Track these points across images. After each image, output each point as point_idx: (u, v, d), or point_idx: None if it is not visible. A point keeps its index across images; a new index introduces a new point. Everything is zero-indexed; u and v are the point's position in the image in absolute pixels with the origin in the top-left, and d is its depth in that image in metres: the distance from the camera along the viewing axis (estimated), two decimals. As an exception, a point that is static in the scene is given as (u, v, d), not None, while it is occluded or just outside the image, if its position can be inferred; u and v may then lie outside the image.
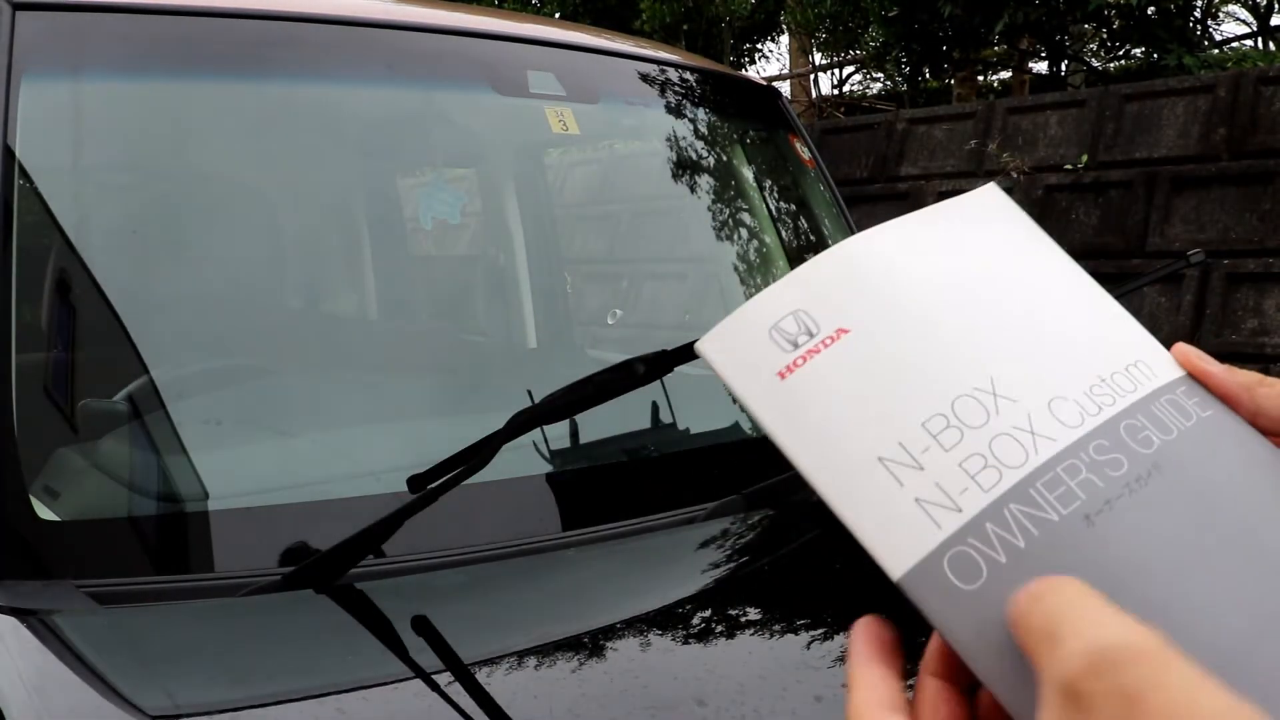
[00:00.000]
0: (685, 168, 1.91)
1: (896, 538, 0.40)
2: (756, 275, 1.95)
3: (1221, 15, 11.88)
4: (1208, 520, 0.39)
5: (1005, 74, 12.77)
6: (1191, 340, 5.46)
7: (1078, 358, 0.43)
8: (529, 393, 1.34)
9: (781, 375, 0.43)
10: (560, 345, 2.10)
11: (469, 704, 0.95)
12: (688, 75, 1.93)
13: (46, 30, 1.29)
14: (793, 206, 2.04)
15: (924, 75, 10.84)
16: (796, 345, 0.44)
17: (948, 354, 0.43)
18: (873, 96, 14.70)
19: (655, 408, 1.49)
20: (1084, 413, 0.41)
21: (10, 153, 1.20)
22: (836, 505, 0.41)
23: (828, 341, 0.43)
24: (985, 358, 0.42)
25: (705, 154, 1.95)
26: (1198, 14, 8.78)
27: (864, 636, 0.41)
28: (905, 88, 11.56)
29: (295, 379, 1.51)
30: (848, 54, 13.80)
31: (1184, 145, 6.24)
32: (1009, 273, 0.46)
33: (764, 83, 2.12)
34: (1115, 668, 0.31)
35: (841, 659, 1.07)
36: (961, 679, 0.40)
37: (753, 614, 1.21)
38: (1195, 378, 0.45)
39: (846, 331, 0.43)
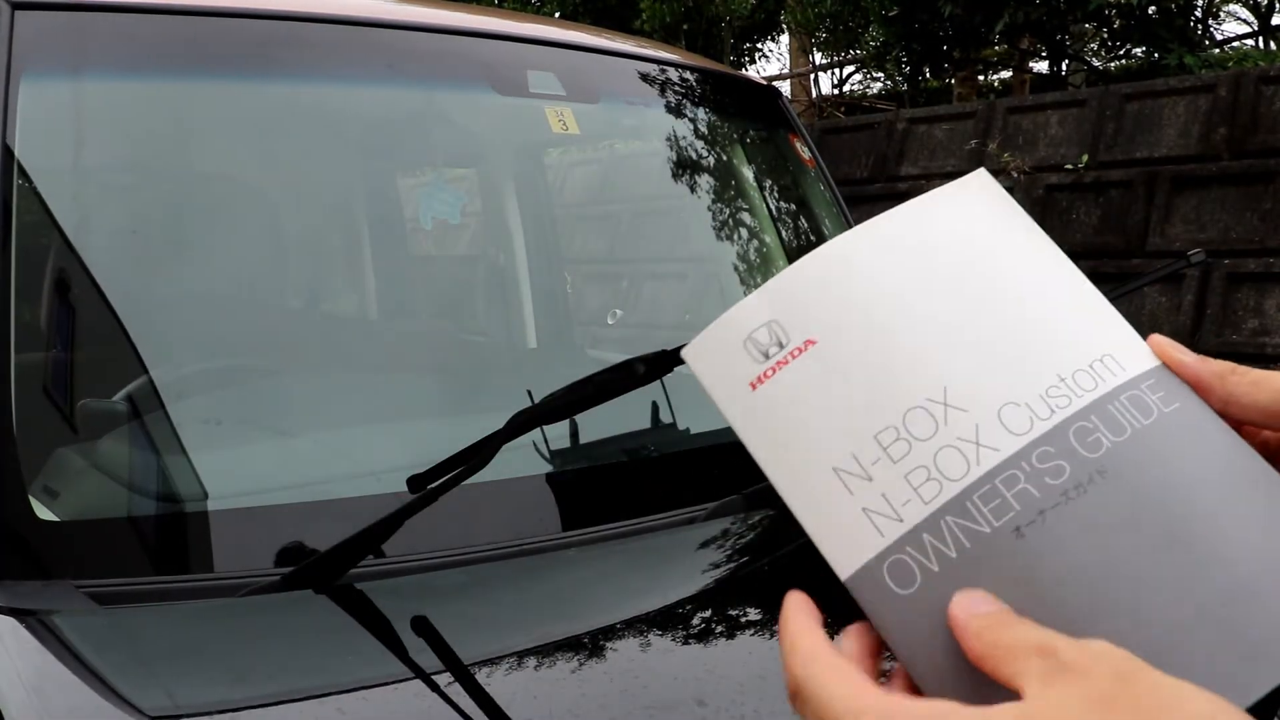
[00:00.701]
0: (685, 168, 1.91)
1: (844, 543, 0.43)
2: (756, 275, 1.95)
3: (1222, 15, 11.88)
4: (1145, 524, 0.39)
5: (1006, 74, 12.78)
6: (1192, 340, 5.46)
7: (1040, 357, 0.43)
8: (529, 393, 1.34)
9: (753, 385, 0.46)
10: (560, 345, 2.10)
11: (469, 704, 0.95)
12: (688, 75, 1.93)
13: (46, 29, 1.29)
14: (793, 206, 2.04)
15: (924, 75, 10.84)
16: (768, 356, 0.45)
17: (906, 363, 0.43)
18: (873, 96, 14.70)
19: (655, 408, 1.49)
20: (1034, 418, 0.41)
21: (10, 152, 1.20)
22: (795, 510, 0.44)
23: (796, 353, 0.45)
24: (942, 366, 0.43)
25: (705, 154, 1.95)
26: (1199, 13, 8.78)
27: (801, 604, 0.44)
28: (905, 87, 11.56)
29: (295, 379, 1.51)
30: (848, 54, 13.80)
31: (1185, 145, 6.24)
32: (985, 270, 0.45)
33: (764, 82, 2.12)
34: (1109, 654, 0.35)
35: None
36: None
37: (753, 614, 1.21)
38: (1170, 368, 0.45)
39: (814, 342, 0.45)
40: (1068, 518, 0.40)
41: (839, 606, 0.46)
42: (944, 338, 0.43)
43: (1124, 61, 9.87)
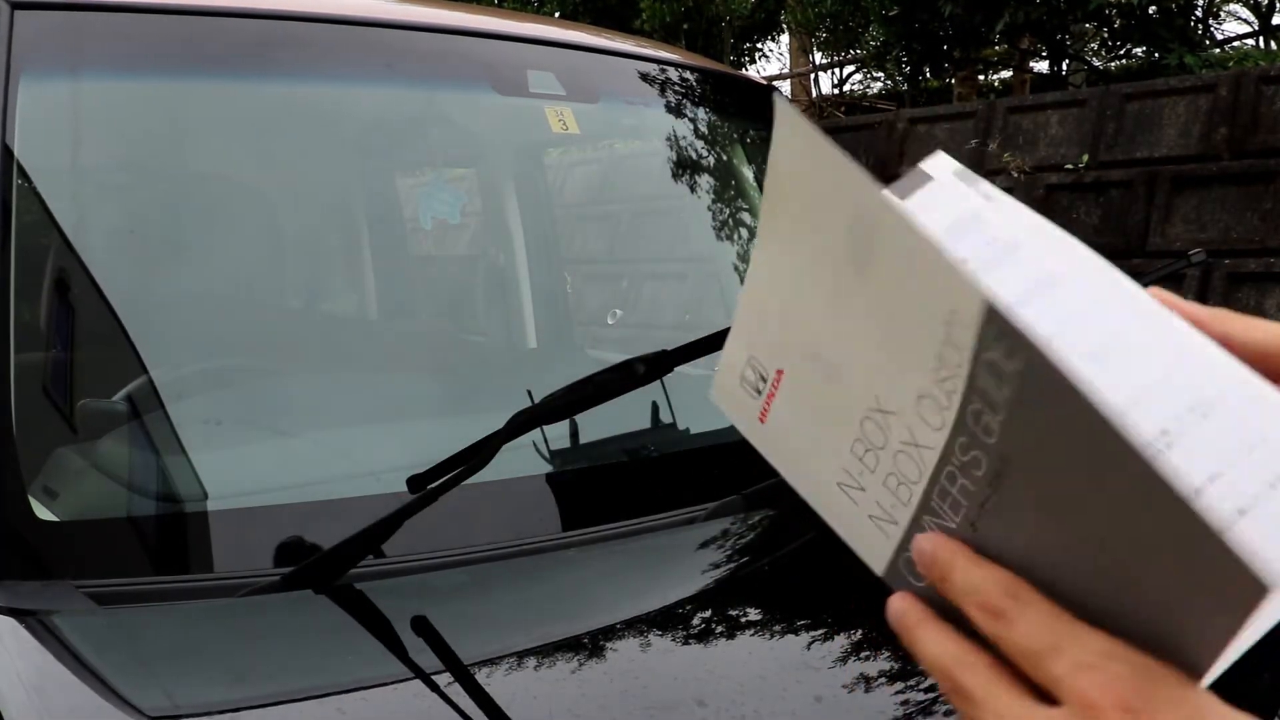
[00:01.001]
0: (685, 168, 1.91)
1: (867, 546, 0.45)
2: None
3: (1223, 14, 11.88)
4: (1057, 510, 0.37)
5: (1006, 73, 12.77)
6: (1192, 340, 5.45)
7: (916, 332, 0.38)
8: (529, 393, 1.34)
9: (761, 419, 0.48)
10: (560, 345, 2.10)
11: (469, 704, 0.95)
12: (688, 75, 1.92)
13: (46, 29, 1.29)
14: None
15: (924, 74, 10.84)
16: (759, 392, 0.48)
17: (842, 376, 0.43)
18: (873, 96, 14.71)
19: (655, 408, 1.49)
20: (941, 408, 0.39)
21: (9, 152, 1.20)
22: (828, 521, 0.47)
23: (775, 386, 0.47)
24: (865, 371, 0.42)
25: (705, 154, 1.95)
26: (1199, 13, 8.78)
27: (912, 603, 0.44)
28: (906, 87, 11.57)
29: (295, 379, 1.51)
30: (848, 53, 13.81)
31: (1185, 145, 6.24)
32: (841, 238, 0.41)
33: (764, 82, 2.12)
34: None
35: (842, 659, 1.07)
36: None
37: (753, 614, 1.21)
38: None
39: (782, 373, 0.46)
40: (1001, 510, 0.39)
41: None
42: (853, 338, 0.42)
43: (1124, 61, 9.87)
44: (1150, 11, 8.06)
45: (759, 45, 14.61)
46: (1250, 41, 11.07)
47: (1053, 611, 0.39)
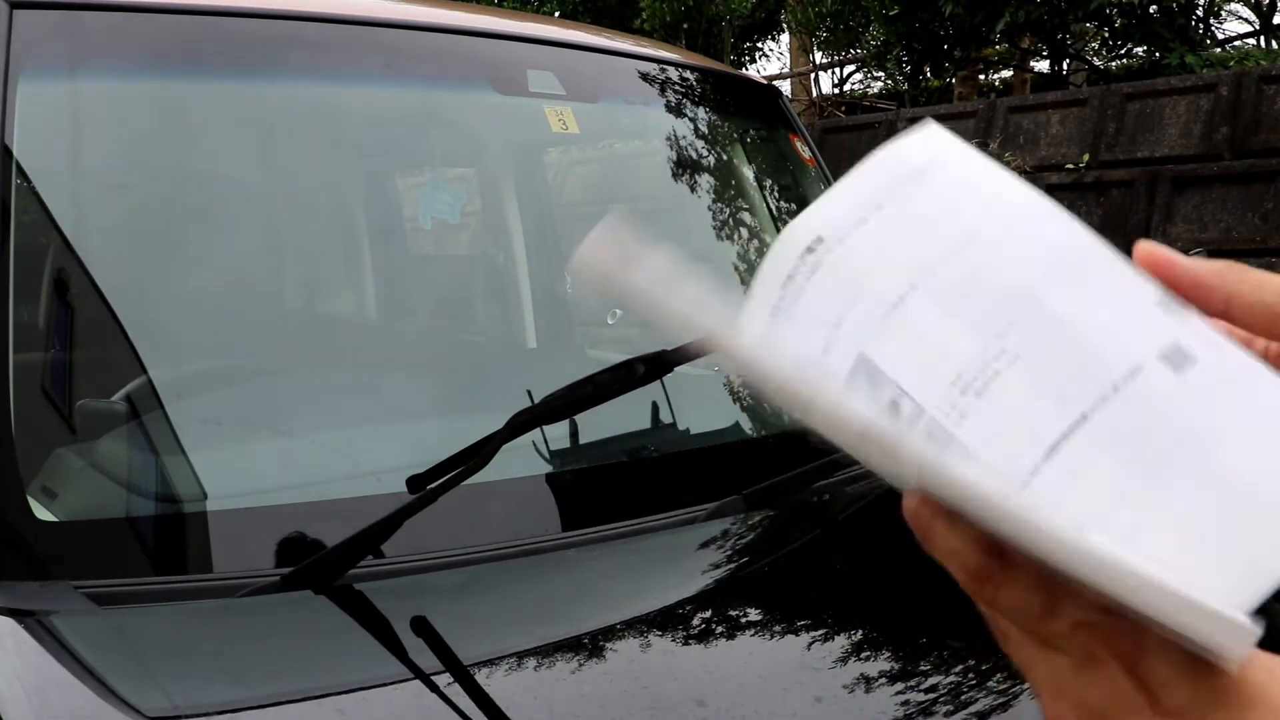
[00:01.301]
0: (685, 167, 1.91)
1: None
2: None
3: (1224, 14, 11.87)
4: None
5: (1006, 73, 12.78)
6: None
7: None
8: (529, 393, 1.34)
9: None
10: (560, 345, 2.10)
11: (469, 704, 0.95)
12: (688, 74, 1.92)
13: (45, 29, 1.29)
14: (793, 206, 2.04)
15: (925, 74, 10.85)
16: None
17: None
18: (873, 95, 14.71)
19: (655, 408, 1.49)
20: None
21: (8, 152, 1.20)
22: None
23: None
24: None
25: (705, 153, 1.95)
26: (1200, 13, 8.78)
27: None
28: (906, 86, 11.57)
29: (295, 379, 1.51)
30: (848, 53, 13.82)
31: (1186, 144, 6.24)
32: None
33: (764, 81, 2.11)
34: None
35: (842, 659, 1.07)
36: None
37: (753, 614, 1.21)
38: (1163, 271, 0.38)
39: None
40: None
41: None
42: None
43: (1125, 61, 9.87)
44: (1151, 11, 8.07)
45: (759, 45, 14.62)
46: (1251, 41, 11.07)
47: (1042, 570, 0.37)
